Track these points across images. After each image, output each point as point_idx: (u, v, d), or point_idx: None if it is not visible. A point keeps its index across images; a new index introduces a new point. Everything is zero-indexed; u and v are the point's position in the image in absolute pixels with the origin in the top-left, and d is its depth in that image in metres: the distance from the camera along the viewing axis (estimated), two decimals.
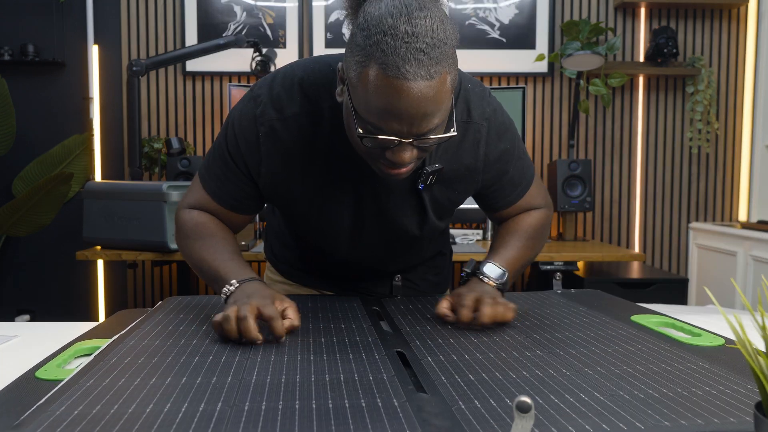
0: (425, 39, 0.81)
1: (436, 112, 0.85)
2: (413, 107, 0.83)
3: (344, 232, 1.12)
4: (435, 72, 0.82)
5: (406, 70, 0.81)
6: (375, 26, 0.82)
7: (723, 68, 3.13)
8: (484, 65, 3.05)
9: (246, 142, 1.03)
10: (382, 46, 0.81)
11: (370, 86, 0.83)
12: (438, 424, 0.60)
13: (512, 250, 1.14)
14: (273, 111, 1.01)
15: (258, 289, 0.96)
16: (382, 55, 0.81)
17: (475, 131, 1.05)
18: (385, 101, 0.83)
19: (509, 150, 1.10)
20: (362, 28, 0.84)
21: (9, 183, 3.00)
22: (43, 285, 3.09)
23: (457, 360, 0.82)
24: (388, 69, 0.81)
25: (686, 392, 0.69)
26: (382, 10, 0.83)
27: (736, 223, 3.03)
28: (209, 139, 3.06)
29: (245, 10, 3.00)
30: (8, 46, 2.95)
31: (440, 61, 0.83)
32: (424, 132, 0.86)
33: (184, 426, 0.60)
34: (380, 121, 0.85)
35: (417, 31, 0.81)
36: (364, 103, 0.85)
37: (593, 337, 0.93)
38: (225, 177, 1.08)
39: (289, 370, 0.78)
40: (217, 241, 1.08)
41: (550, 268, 2.40)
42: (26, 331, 1.11)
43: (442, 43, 0.83)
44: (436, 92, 0.83)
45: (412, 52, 0.81)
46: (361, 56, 0.84)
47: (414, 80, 0.81)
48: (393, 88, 0.82)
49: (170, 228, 2.22)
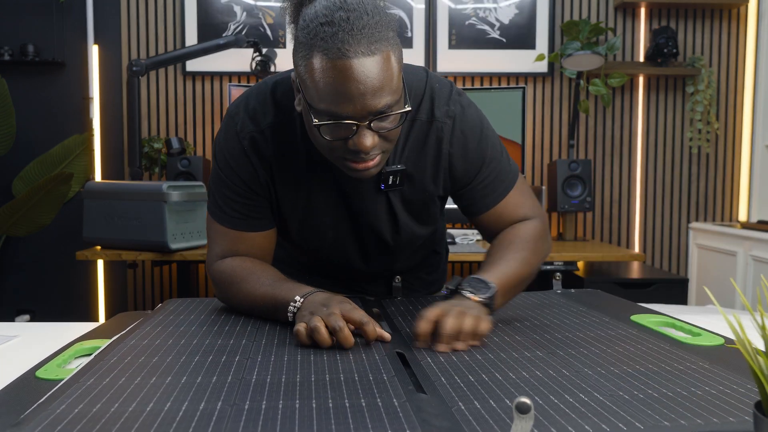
0: (361, 21, 0.86)
1: (385, 88, 0.88)
2: (361, 84, 0.86)
3: (327, 237, 1.13)
4: (376, 49, 0.86)
5: (346, 50, 0.85)
6: (312, 20, 0.87)
7: (723, 68, 3.13)
8: (484, 65, 3.05)
9: (235, 160, 1.05)
10: (321, 35, 0.86)
11: (316, 74, 0.87)
12: (438, 425, 0.61)
13: (503, 265, 1.04)
14: (251, 124, 1.04)
15: (331, 297, 0.93)
16: (323, 42, 0.86)
17: (438, 129, 1.06)
18: (333, 84, 0.86)
19: (478, 149, 1.09)
20: (302, 27, 0.89)
21: (9, 183, 3.00)
22: (43, 285, 3.09)
23: (457, 360, 0.82)
24: (329, 53, 0.85)
25: (686, 392, 0.69)
26: (318, 6, 0.88)
27: (736, 223, 3.03)
28: (209, 139, 3.06)
29: (245, 10, 3.01)
30: (8, 46, 2.95)
31: (379, 39, 0.87)
32: (377, 110, 0.88)
33: (184, 425, 0.60)
34: (333, 106, 0.87)
35: (352, 16, 0.86)
36: (315, 93, 0.88)
37: (593, 337, 0.93)
38: (234, 201, 1.07)
39: (290, 369, 0.78)
40: (259, 275, 1.05)
41: (550, 268, 2.40)
42: (26, 331, 1.11)
43: (379, 24, 0.87)
44: (381, 68, 0.87)
45: (350, 32, 0.85)
46: (304, 51, 0.88)
47: (356, 57, 0.85)
48: (338, 69, 0.85)
49: (170, 228, 2.22)
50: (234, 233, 1.09)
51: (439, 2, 3.03)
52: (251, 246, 1.10)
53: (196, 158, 2.69)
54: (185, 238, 2.30)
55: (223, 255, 1.10)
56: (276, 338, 0.93)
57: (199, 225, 2.38)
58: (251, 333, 0.96)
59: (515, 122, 2.74)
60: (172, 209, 2.23)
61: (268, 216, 1.10)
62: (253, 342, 0.91)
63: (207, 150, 3.06)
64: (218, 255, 1.11)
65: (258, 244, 1.10)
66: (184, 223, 2.29)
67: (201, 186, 2.40)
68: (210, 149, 3.05)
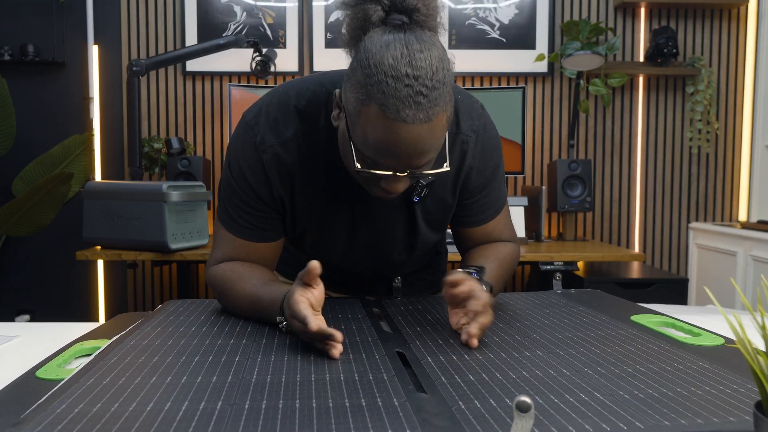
0: (425, 81, 0.83)
1: (432, 150, 0.88)
2: (410, 147, 0.85)
3: (342, 245, 1.13)
4: (433, 114, 0.84)
5: (406, 114, 0.82)
6: (376, 66, 0.84)
7: (723, 68, 3.13)
8: (484, 65, 3.05)
9: (252, 172, 1.03)
10: (383, 87, 0.83)
11: (369, 125, 0.85)
12: (438, 424, 0.61)
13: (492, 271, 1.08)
14: (272, 136, 1.02)
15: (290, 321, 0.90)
16: (383, 96, 0.83)
17: (462, 142, 1.06)
18: (383, 140, 0.85)
19: (493, 167, 1.11)
20: (363, 66, 0.85)
21: (9, 183, 2.99)
22: (43, 285, 3.09)
23: (457, 360, 0.82)
24: (388, 111, 0.83)
25: (686, 392, 0.69)
26: (383, 48, 0.84)
27: (736, 223, 3.03)
28: (209, 139, 3.06)
29: (245, 10, 3.01)
30: (8, 46, 2.95)
31: (438, 102, 0.84)
32: (419, 167, 0.89)
33: (184, 424, 0.60)
34: (377, 157, 0.87)
35: (417, 74, 0.83)
36: (362, 139, 0.87)
37: (593, 337, 0.93)
38: (244, 211, 1.06)
39: (290, 369, 0.78)
40: (246, 280, 1.04)
41: (550, 268, 2.40)
42: (26, 332, 1.11)
43: (441, 84, 0.85)
44: (433, 132, 0.86)
45: (412, 95, 0.82)
46: (361, 94, 0.85)
47: (413, 123, 0.83)
48: (392, 129, 0.84)
49: (170, 228, 2.22)
50: (240, 241, 1.08)
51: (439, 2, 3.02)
52: (254, 255, 1.09)
53: (196, 158, 2.69)
54: (185, 238, 2.30)
55: (221, 260, 1.10)
56: (276, 338, 0.93)
57: (199, 225, 2.38)
58: (251, 333, 0.96)
59: (515, 122, 2.74)
60: (172, 209, 2.23)
61: (277, 228, 1.10)
62: (253, 342, 0.91)
63: (207, 150, 3.06)
64: (217, 260, 1.10)
65: (261, 254, 1.10)
66: (184, 223, 2.29)
67: (201, 186, 2.40)
68: (210, 149, 3.06)
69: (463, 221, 1.16)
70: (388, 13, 0.89)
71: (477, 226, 1.16)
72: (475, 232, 1.16)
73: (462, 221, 1.16)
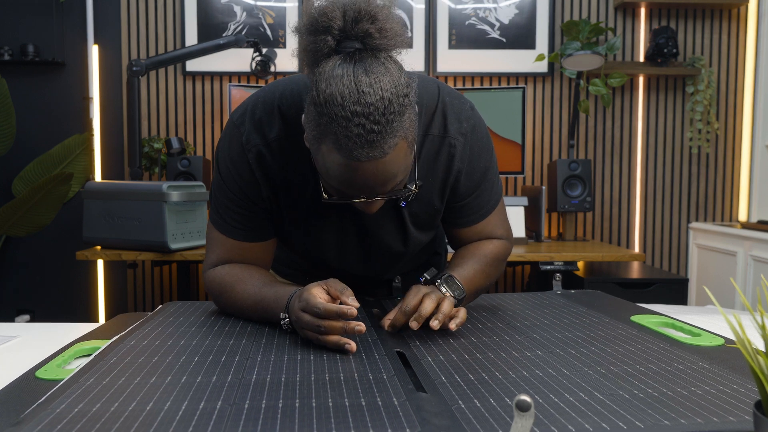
0: (376, 117, 0.80)
1: (396, 175, 0.87)
2: (371, 181, 0.85)
3: (331, 250, 1.12)
4: (389, 147, 0.82)
5: (359, 153, 0.81)
6: (326, 104, 0.81)
7: (723, 68, 3.13)
8: (484, 65, 3.05)
9: (239, 172, 1.03)
10: (334, 128, 0.81)
11: (327, 161, 0.85)
12: (437, 423, 0.61)
13: (470, 272, 1.08)
14: (257, 136, 1.01)
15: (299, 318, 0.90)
16: (335, 137, 0.82)
17: (450, 146, 1.05)
18: (343, 176, 0.85)
19: (483, 169, 1.10)
20: (315, 103, 0.83)
21: (9, 183, 3.00)
22: (43, 285, 3.09)
23: (457, 360, 0.82)
24: (341, 151, 0.82)
25: (686, 392, 0.69)
26: (332, 86, 0.82)
27: (736, 223, 3.03)
28: (209, 139, 3.06)
29: (245, 10, 3.01)
30: (8, 46, 2.95)
31: (394, 134, 0.82)
32: (386, 192, 0.89)
33: (184, 424, 0.60)
34: (342, 188, 0.88)
35: (368, 111, 0.80)
36: (324, 171, 0.88)
37: (593, 337, 0.93)
38: (234, 211, 1.06)
39: (289, 369, 0.78)
40: (246, 282, 1.04)
41: (550, 268, 2.40)
42: (26, 332, 1.11)
43: (394, 115, 0.82)
44: (394, 162, 0.85)
45: (363, 133, 0.80)
46: (316, 131, 0.84)
47: (368, 161, 0.82)
48: (349, 167, 0.83)
49: (170, 228, 2.22)
50: (232, 242, 1.08)
51: (439, 2, 3.03)
52: (248, 255, 1.09)
53: (196, 158, 2.69)
54: (185, 238, 2.30)
55: (217, 263, 1.10)
56: (276, 338, 0.93)
57: (199, 225, 2.38)
58: (251, 333, 0.96)
59: (515, 122, 2.74)
60: (172, 209, 2.23)
61: (268, 227, 1.09)
62: (252, 342, 0.91)
63: (207, 150, 3.06)
64: (212, 263, 1.10)
65: (255, 254, 1.09)
66: (184, 223, 2.29)
67: (201, 186, 2.40)
68: (210, 149, 3.06)
69: (454, 222, 1.15)
70: (340, 42, 0.85)
71: (468, 227, 1.15)
72: (467, 232, 1.16)
73: (453, 222, 1.15)
